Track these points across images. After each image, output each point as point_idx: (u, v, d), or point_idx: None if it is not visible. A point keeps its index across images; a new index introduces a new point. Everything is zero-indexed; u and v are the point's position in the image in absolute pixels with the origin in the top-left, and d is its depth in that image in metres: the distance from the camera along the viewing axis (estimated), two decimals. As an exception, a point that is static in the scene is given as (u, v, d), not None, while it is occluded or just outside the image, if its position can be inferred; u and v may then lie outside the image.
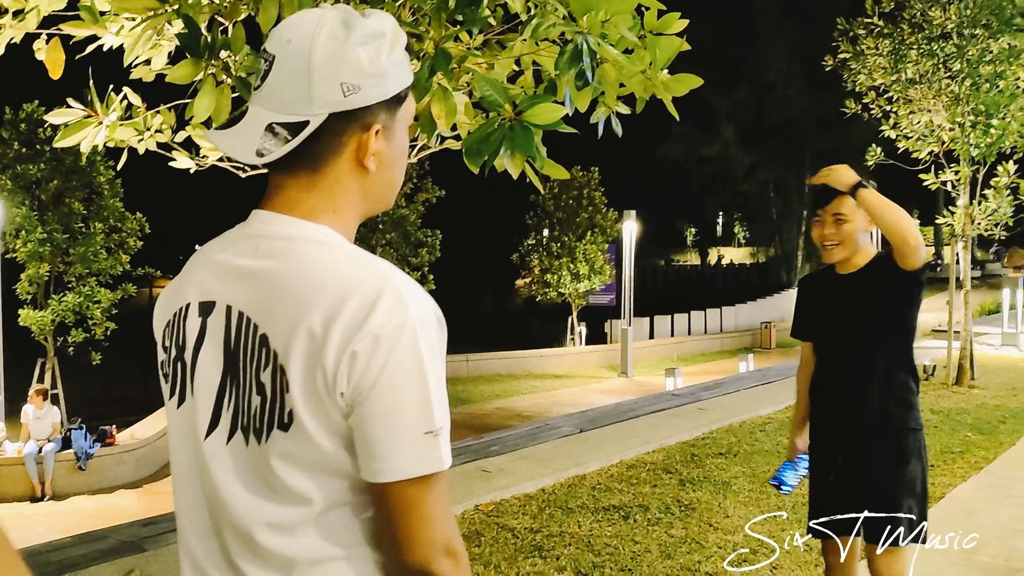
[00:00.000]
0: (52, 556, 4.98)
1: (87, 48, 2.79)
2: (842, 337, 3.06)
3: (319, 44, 1.16)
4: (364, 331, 1.09)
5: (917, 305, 2.99)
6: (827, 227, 3.02)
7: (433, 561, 1.12)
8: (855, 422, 2.98)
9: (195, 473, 1.25)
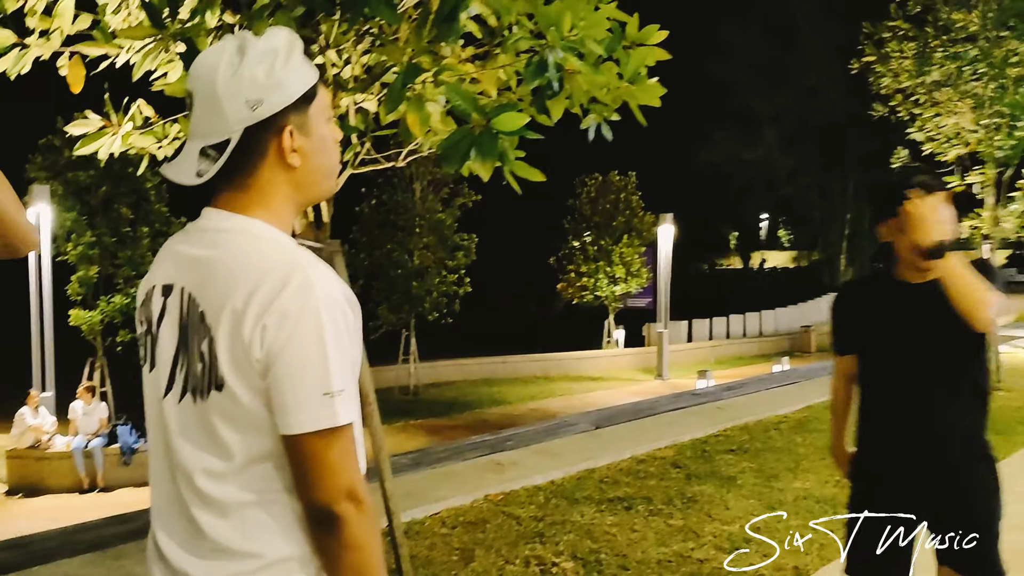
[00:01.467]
0: (84, 535, 5.35)
1: (100, 65, 3.10)
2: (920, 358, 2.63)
3: (220, 73, 1.41)
4: (274, 307, 1.33)
5: None
6: None
7: (335, 503, 1.35)
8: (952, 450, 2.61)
9: (158, 427, 1.51)
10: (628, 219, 26.75)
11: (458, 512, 5.72)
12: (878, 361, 2.75)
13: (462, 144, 2.77)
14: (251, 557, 1.41)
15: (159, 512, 1.53)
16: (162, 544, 1.50)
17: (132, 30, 2.71)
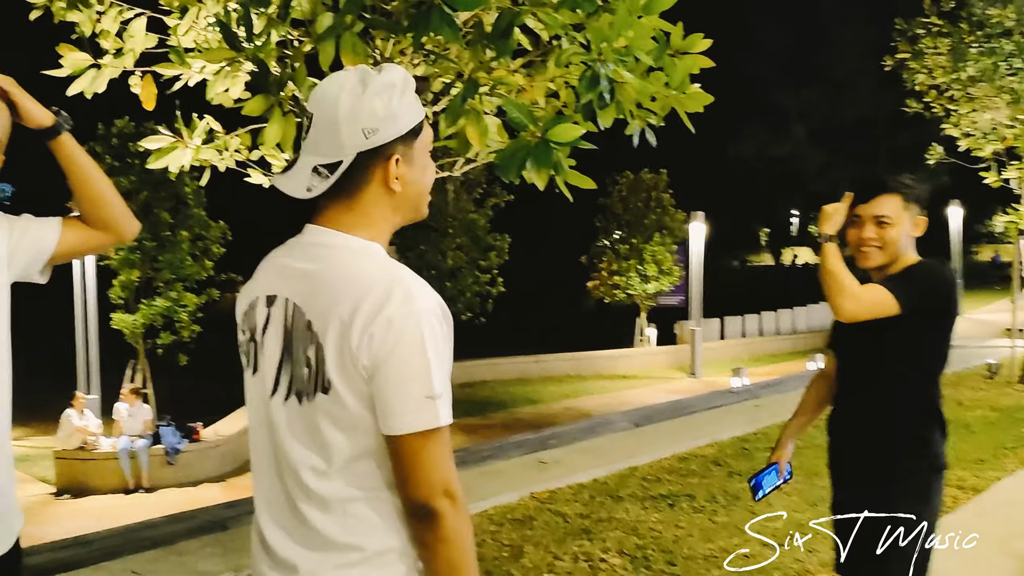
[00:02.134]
0: (146, 533, 5.54)
1: (175, 85, 3.26)
2: (864, 355, 2.72)
3: (342, 101, 1.54)
4: (380, 318, 1.46)
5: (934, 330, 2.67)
6: (867, 229, 2.67)
7: (432, 499, 1.47)
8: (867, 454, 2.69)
9: (264, 426, 1.64)
10: (659, 217, 26.70)
11: (505, 509, 5.84)
12: (838, 359, 2.88)
13: (519, 155, 2.89)
14: (353, 549, 1.54)
15: (264, 505, 1.66)
16: (268, 536, 1.63)
17: (210, 53, 2.86)
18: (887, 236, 2.64)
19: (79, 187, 1.98)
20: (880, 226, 2.64)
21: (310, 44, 3.01)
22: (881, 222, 2.64)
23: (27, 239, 1.92)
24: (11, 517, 1.91)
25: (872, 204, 2.66)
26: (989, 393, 10.50)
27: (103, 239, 2.06)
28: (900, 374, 2.66)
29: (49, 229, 1.97)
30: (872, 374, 2.69)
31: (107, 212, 2.03)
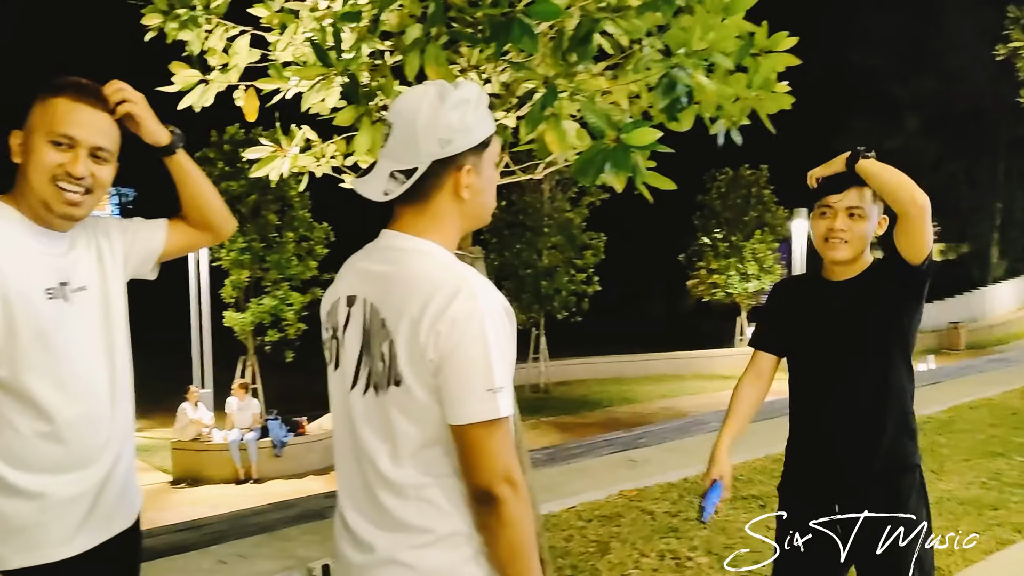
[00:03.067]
0: (252, 519, 5.85)
1: (275, 98, 3.47)
2: (841, 354, 2.60)
3: (422, 113, 1.67)
4: (446, 315, 1.57)
5: (921, 307, 2.59)
6: (839, 220, 2.58)
7: (494, 485, 1.58)
8: (859, 460, 2.57)
9: (344, 418, 1.78)
10: (760, 214, 26.22)
11: (593, 506, 5.92)
12: (797, 364, 2.72)
13: (597, 159, 2.96)
14: (425, 532, 1.66)
15: (346, 491, 1.79)
16: (349, 518, 1.76)
17: (304, 70, 3.06)
18: (857, 229, 2.57)
19: (187, 196, 2.18)
20: (852, 218, 2.58)
21: (397, 55, 3.17)
22: (853, 214, 2.58)
23: (139, 240, 2.14)
24: (133, 495, 2.13)
25: (845, 195, 2.58)
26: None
27: (204, 238, 2.28)
28: (888, 361, 2.56)
29: (157, 230, 2.18)
30: (857, 365, 2.57)
31: (210, 216, 2.23)
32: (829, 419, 2.61)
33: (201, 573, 4.61)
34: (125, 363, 2.07)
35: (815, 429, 2.66)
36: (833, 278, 2.67)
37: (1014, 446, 7.51)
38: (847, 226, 2.57)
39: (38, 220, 1.92)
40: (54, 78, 1.93)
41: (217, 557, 4.88)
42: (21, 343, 1.83)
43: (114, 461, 2.01)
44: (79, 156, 1.89)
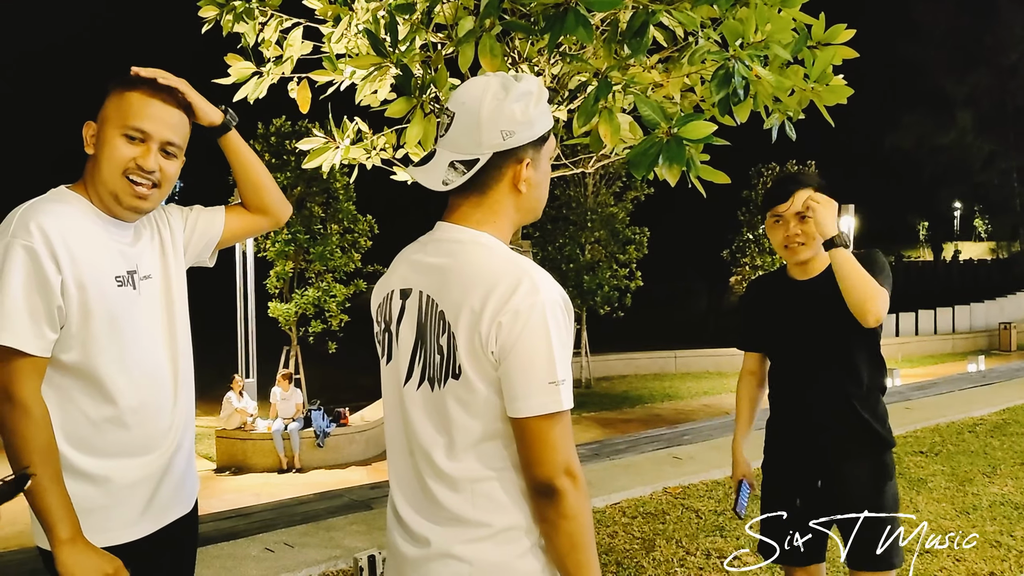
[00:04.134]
0: (298, 508, 5.91)
1: (328, 90, 3.49)
2: (813, 349, 2.78)
3: (485, 104, 1.65)
4: (507, 308, 1.55)
5: None
6: (792, 226, 2.77)
7: (555, 478, 1.56)
8: (836, 441, 2.75)
9: (397, 411, 1.77)
10: (806, 211, 25.81)
11: (638, 503, 5.87)
12: (781, 358, 2.92)
13: (651, 152, 2.93)
14: (481, 526, 1.64)
15: (398, 484, 1.79)
16: (402, 512, 1.75)
17: (359, 59, 3.06)
18: (809, 230, 2.74)
19: (243, 177, 2.20)
20: (803, 221, 2.75)
21: (451, 47, 3.16)
22: (803, 217, 2.74)
23: (199, 228, 2.16)
24: (192, 481, 2.17)
25: (791, 202, 2.77)
26: None
27: (262, 222, 2.29)
28: (866, 353, 2.75)
29: (216, 217, 2.20)
30: (833, 360, 2.74)
31: (266, 199, 2.25)
32: (806, 408, 2.80)
33: (249, 560, 4.66)
34: (187, 352, 2.10)
35: (795, 416, 2.84)
36: (798, 277, 2.86)
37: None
38: (800, 229, 2.76)
39: (107, 210, 1.95)
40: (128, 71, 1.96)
41: (264, 545, 4.93)
42: (93, 328, 1.87)
43: (176, 447, 2.05)
44: (151, 150, 1.92)
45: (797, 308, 2.83)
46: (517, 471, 1.63)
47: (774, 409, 2.96)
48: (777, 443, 2.94)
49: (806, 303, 2.81)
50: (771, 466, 2.96)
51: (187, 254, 2.14)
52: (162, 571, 2.08)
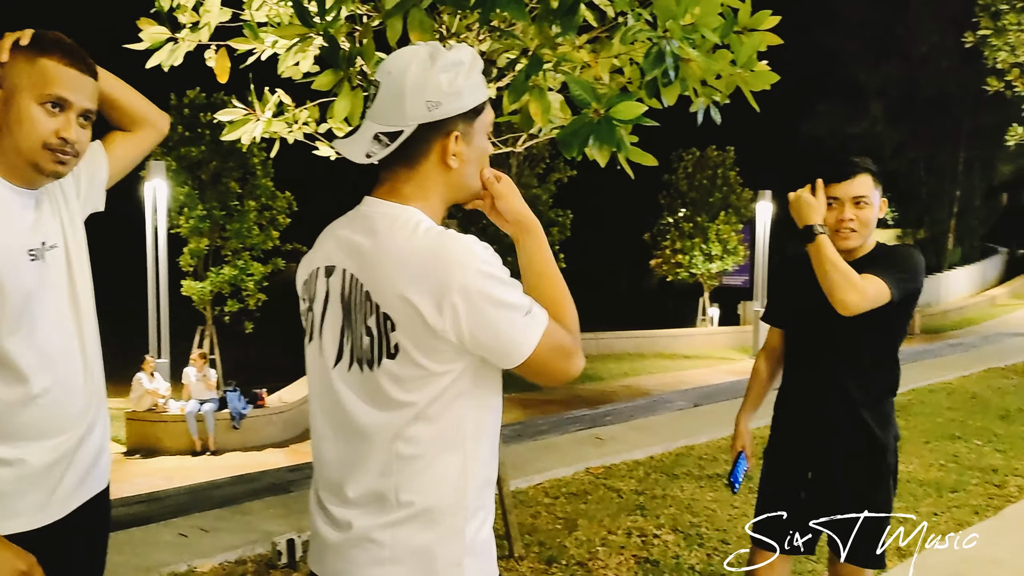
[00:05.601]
0: (214, 492, 5.75)
1: (248, 60, 3.35)
2: (827, 340, 2.73)
3: (410, 73, 1.58)
4: (453, 289, 1.49)
5: (909, 309, 2.71)
6: (847, 210, 2.67)
7: (570, 374, 1.64)
8: (830, 438, 2.73)
9: (324, 393, 1.70)
10: (725, 195, 26.34)
11: (560, 483, 5.90)
12: (794, 338, 2.88)
13: (582, 132, 2.90)
14: (403, 508, 1.59)
15: (323, 469, 1.72)
16: (325, 498, 1.69)
17: (283, 29, 2.93)
18: (864, 216, 2.67)
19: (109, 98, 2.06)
20: (858, 206, 2.67)
21: (379, 19, 3.06)
22: (859, 202, 2.67)
23: (84, 174, 2.02)
24: (108, 460, 2.07)
25: (851, 184, 2.68)
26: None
27: (147, 137, 2.16)
28: (876, 349, 2.71)
29: (97, 156, 2.07)
30: (845, 352, 2.70)
31: (138, 111, 2.12)
32: (810, 398, 2.76)
33: (161, 546, 4.51)
34: (93, 324, 1.99)
35: (799, 405, 2.82)
36: None
37: (972, 430, 7.65)
38: (855, 215, 2.67)
39: (16, 179, 1.83)
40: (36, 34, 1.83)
41: (178, 530, 4.78)
42: (7, 308, 1.76)
43: (89, 426, 1.95)
44: (71, 120, 1.83)
45: (815, 290, 2.67)
46: (449, 452, 1.59)
47: (781, 393, 2.94)
48: (782, 429, 2.92)
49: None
50: (776, 453, 2.95)
51: (84, 207, 2.02)
52: (75, 557, 1.98)
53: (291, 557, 4.32)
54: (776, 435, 2.96)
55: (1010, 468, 6.33)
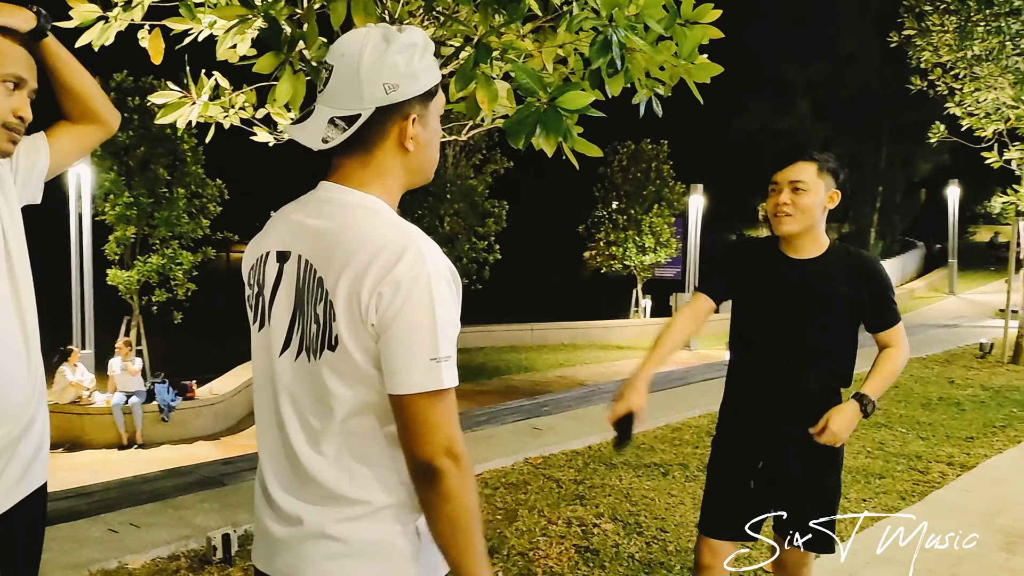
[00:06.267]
0: (144, 486, 5.59)
1: (184, 40, 3.24)
2: (781, 330, 2.78)
3: (365, 56, 1.54)
4: (389, 277, 1.45)
5: None
6: (783, 195, 2.74)
7: (435, 458, 1.47)
8: (782, 428, 2.78)
9: (271, 382, 1.65)
10: (659, 188, 26.65)
11: (499, 474, 5.90)
12: (746, 326, 2.89)
13: (528, 121, 2.88)
14: (360, 503, 1.55)
15: (268, 460, 1.67)
16: (272, 491, 1.65)
17: (223, 10, 2.85)
18: (801, 202, 2.71)
19: (66, 84, 1.97)
20: (796, 192, 2.72)
21: (321, 2, 3.00)
22: (796, 187, 2.72)
23: (22, 161, 1.93)
24: (47, 452, 1.98)
25: (788, 170, 2.75)
26: (981, 372, 10.61)
27: (93, 133, 2.07)
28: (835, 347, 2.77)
29: (38, 144, 1.98)
30: (803, 349, 2.75)
31: (93, 104, 2.03)
32: (773, 387, 2.78)
33: (91, 543, 4.37)
34: (34, 314, 1.90)
35: (757, 392, 2.83)
36: (788, 253, 2.81)
37: (896, 418, 7.89)
38: (791, 199, 2.72)
39: None
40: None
41: (107, 525, 4.64)
42: None
43: (31, 419, 1.86)
44: (26, 99, 1.79)
45: (780, 285, 2.79)
46: (395, 448, 1.55)
47: (731, 382, 2.94)
48: (733, 418, 2.93)
49: (791, 283, 2.78)
50: (725, 443, 2.95)
51: (21, 196, 1.92)
52: (16, 553, 1.92)
53: (227, 552, 4.22)
54: (725, 424, 2.98)
55: (933, 455, 6.55)
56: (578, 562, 4.37)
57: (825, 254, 2.78)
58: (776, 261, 2.82)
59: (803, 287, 2.75)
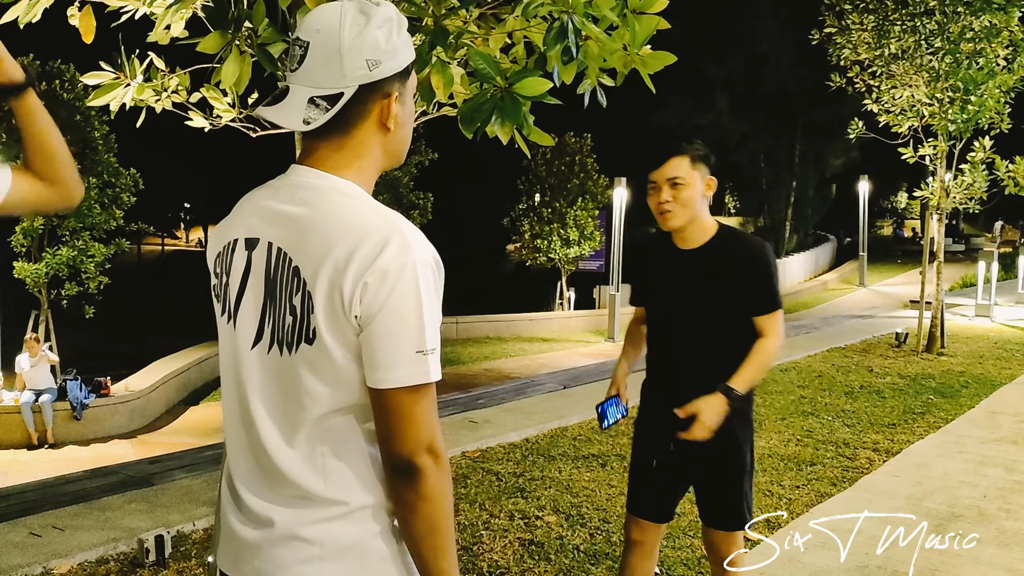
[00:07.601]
0: (66, 487, 5.33)
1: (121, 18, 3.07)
2: (681, 318, 2.92)
3: (346, 30, 1.45)
4: (374, 267, 1.37)
5: None
6: (663, 192, 2.84)
7: (416, 455, 1.41)
8: None
9: (238, 378, 1.56)
10: (583, 182, 26.86)
11: (438, 468, 5.82)
12: (654, 320, 3.06)
13: (485, 108, 2.82)
14: (335, 504, 1.48)
15: (236, 458, 1.59)
16: (240, 491, 1.56)
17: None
18: (682, 196, 2.83)
19: (37, 143, 1.79)
20: (675, 187, 2.84)
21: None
22: (675, 183, 2.84)
23: None
24: None
25: (664, 168, 2.86)
26: (897, 361, 10.97)
27: (50, 196, 1.86)
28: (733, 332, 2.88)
29: (1, 176, 1.81)
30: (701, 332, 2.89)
31: (60, 168, 1.84)
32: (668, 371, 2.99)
33: (11, 548, 4.14)
34: None
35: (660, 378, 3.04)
36: (681, 245, 2.93)
37: (822, 406, 8.09)
38: (672, 195, 2.83)
39: None
40: None
41: (28, 529, 4.40)
42: None
43: None
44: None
45: (675, 276, 2.95)
46: (372, 445, 1.48)
47: (647, 367, 3.11)
48: (645, 403, 3.10)
49: (684, 273, 2.92)
50: (641, 422, 3.12)
51: None
52: None
53: (160, 555, 4.05)
54: (641, 407, 3.14)
55: (859, 442, 6.73)
56: (523, 555, 4.34)
57: (714, 239, 2.90)
58: (670, 254, 2.96)
59: (695, 275, 2.89)
